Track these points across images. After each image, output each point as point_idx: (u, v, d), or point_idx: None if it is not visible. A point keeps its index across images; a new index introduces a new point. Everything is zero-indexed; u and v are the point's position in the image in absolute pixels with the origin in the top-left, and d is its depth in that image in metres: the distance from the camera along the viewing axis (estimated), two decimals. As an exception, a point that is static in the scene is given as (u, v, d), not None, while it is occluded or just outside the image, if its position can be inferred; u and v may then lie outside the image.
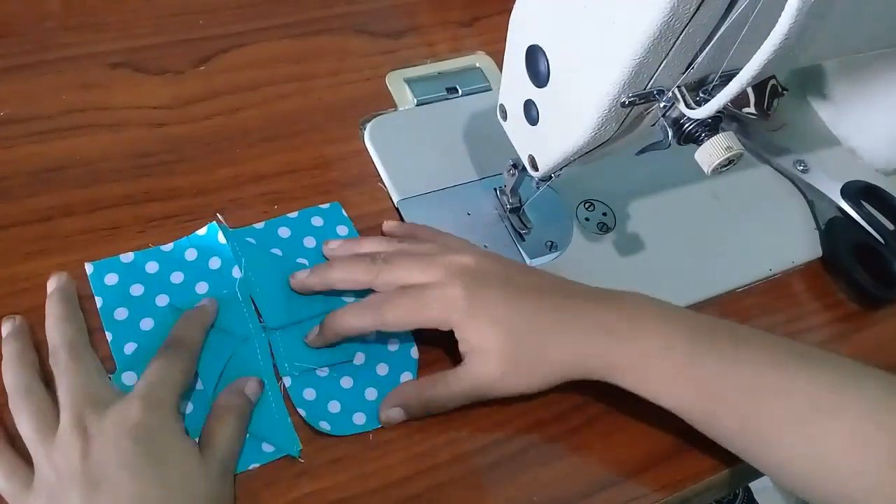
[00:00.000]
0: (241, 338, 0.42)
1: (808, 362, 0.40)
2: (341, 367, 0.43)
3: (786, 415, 0.39)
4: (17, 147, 0.47)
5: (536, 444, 0.44)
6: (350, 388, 0.43)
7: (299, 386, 0.42)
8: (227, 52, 0.55)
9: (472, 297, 0.40)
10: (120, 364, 0.40)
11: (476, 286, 0.41)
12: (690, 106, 0.35)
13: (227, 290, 0.44)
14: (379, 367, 0.44)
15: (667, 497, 0.44)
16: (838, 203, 0.57)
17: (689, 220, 0.55)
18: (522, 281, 0.42)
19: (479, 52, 0.60)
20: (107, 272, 0.43)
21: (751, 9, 0.32)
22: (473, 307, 0.40)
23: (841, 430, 0.38)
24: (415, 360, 0.45)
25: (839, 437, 0.38)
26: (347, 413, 0.42)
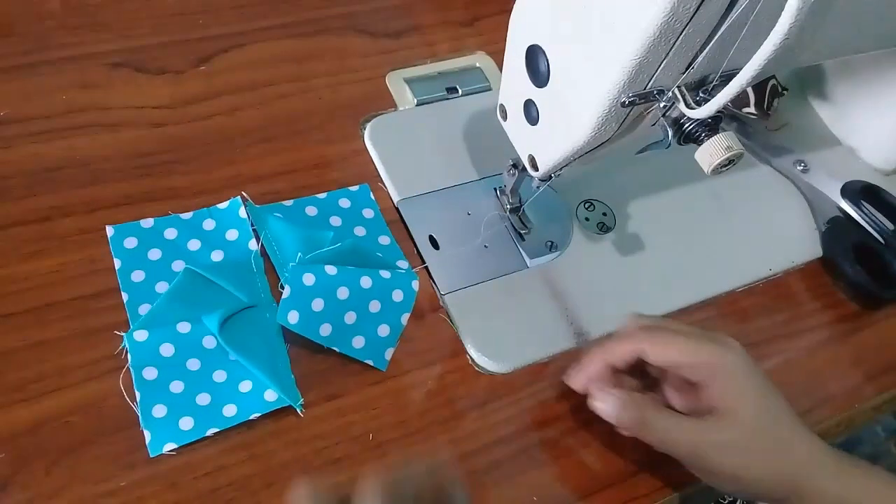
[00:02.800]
0: (250, 303, 0.43)
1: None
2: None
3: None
4: (17, 147, 0.47)
5: (536, 444, 0.44)
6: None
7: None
8: (227, 52, 0.55)
9: (747, 360, 0.40)
10: (133, 323, 0.42)
11: (750, 362, 0.41)
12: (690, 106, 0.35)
13: (242, 258, 0.45)
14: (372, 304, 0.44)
15: (667, 497, 0.44)
16: (838, 203, 0.57)
17: (689, 220, 0.55)
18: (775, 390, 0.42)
19: (479, 52, 0.60)
20: (127, 236, 0.45)
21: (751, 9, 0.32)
22: (746, 367, 0.40)
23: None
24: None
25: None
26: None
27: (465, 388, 0.45)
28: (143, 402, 0.40)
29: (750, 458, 0.39)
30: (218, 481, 0.39)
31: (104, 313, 0.42)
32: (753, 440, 0.39)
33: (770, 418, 0.40)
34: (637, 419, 0.40)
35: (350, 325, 0.43)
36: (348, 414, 0.42)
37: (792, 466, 0.40)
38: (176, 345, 0.41)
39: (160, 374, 0.40)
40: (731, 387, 0.40)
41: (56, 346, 0.41)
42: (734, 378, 0.40)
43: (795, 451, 0.40)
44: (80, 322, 0.41)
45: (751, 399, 0.40)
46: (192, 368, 0.41)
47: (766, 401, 0.40)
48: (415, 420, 0.43)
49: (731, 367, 0.40)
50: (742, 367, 0.40)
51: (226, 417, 0.40)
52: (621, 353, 0.41)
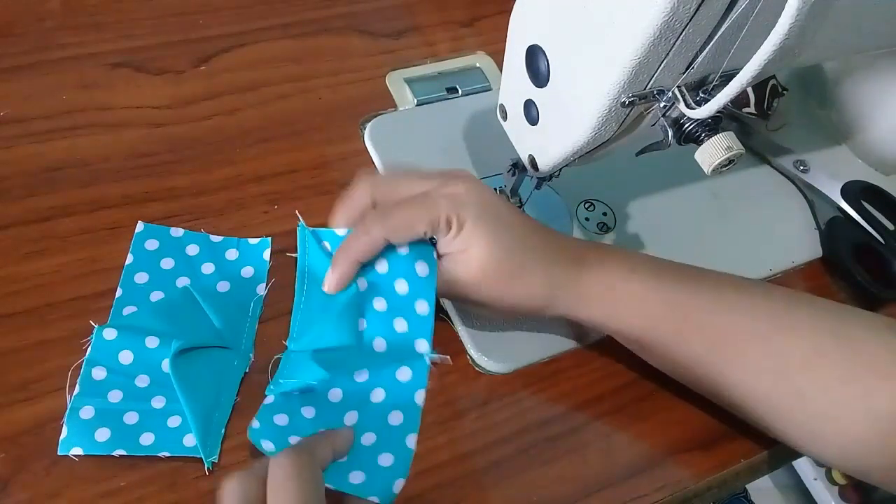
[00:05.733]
0: (226, 344, 0.42)
1: (762, 287, 0.43)
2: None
3: (750, 332, 0.40)
4: (17, 147, 0.47)
5: (536, 444, 0.44)
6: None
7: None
8: (227, 52, 0.55)
9: (480, 198, 0.41)
10: (111, 320, 0.41)
11: (482, 191, 0.41)
12: (690, 106, 0.35)
13: (244, 298, 0.44)
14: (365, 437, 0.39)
15: (667, 497, 0.44)
16: (838, 203, 0.57)
17: (689, 220, 0.55)
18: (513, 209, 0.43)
19: (479, 52, 0.60)
20: (151, 237, 0.45)
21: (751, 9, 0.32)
22: (479, 208, 0.40)
23: (801, 345, 0.40)
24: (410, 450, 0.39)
25: (799, 351, 0.40)
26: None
27: (465, 388, 0.45)
28: (77, 397, 0.39)
29: (500, 284, 0.41)
30: (218, 481, 0.39)
31: (104, 313, 0.42)
32: (499, 270, 0.40)
33: (516, 244, 0.41)
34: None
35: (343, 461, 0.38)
36: (348, 414, 0.42)
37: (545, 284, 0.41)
38: (136, 356, 0.40)
39: (106, 378, 0.40)
40: (466, 235, 0.40)
41: (56, 346, 0.41)
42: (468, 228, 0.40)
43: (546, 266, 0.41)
44: (81, 322, 0.41)
45: (487, 231, 0.40)
46: (139, 385, 0.40)
47: (507, 228, 0.41)
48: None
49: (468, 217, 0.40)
50: (476, 212, 0.40)
51: (139, 445, 0.38)
52: (366, 249, 0.41)
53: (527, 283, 0.41)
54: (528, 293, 0.41)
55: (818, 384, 0.39)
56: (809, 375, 0.39)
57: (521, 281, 0.41)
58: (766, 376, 0.40)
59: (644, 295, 0.41)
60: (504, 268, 0.41)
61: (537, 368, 0.46)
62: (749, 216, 0.57)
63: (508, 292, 0.41)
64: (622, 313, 0.42)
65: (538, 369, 0.46)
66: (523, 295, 0.41)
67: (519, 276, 0.41)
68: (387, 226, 0.40)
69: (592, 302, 0.42)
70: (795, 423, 0.40)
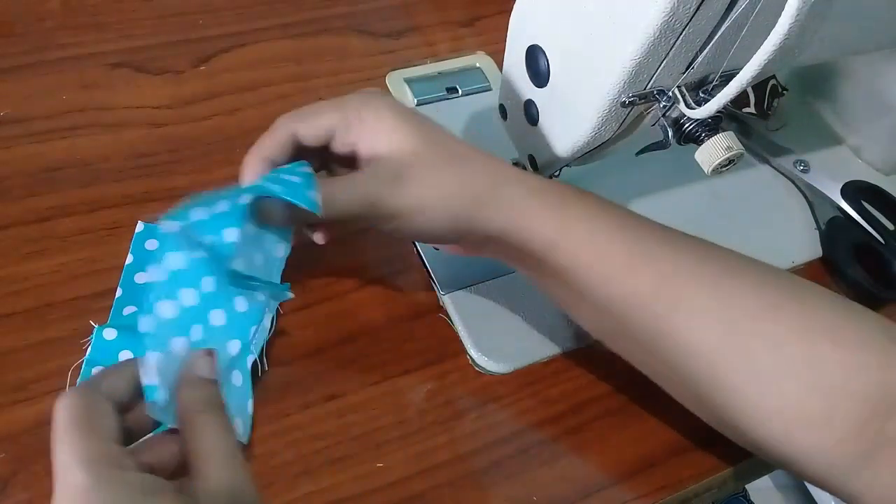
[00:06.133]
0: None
1: (710, 242, 0.40)
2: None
3: (700, 274, 0.37)
4: (17, 147, 0.47)
5: (536, 444, 0.44)
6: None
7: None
8: (227, 52, 0.55)
9: (392, 100, 0.39)
10: (111, 320, 0.41)
11: (394, 98, 0.39)
12: (690, 106, 0.35)
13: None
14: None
15: (666, 497, 0.44)
16: (838, 203, 0.57)
17: (689, 220, 0.55)
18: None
19: (479, 52, 0.60)
20: (150, 237, 0.44)
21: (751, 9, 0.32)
22: (391, 107, 0.38)
23: (751, 296, 0.37)
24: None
25: (750, 301, 0.37)
26: None
27: (465, 388, 0.45)
28: None
29: (423, 187, 0.37)
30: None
31: (104, 313, 0.42)
32: (422, 169, 0.37)
33: (431, 142, 0.37)
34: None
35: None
36: (348, 414, 0.42)
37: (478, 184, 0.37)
38: (136, 356, 0.36)
39: None
40: (384, 125, 0.37)
41: (56, 345, 0.41)
42: (384, 117, 0.37)
43: (479, 167, 0.38)
44: (81, 322, 0.41)
45: (399, 126, 0.37)
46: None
47: (425, 124, 0.38)
48: (415, 420, 0.43)
49: (375, 110, 0.38)
50: (389, 102, 0.38)
51: None
52: (273, 143, 0.39)
53: (465, 172, 0.37)
54: (466, 185, 0.37)
55: (765, 340, 0.36)
56: (757, 327, 0.36)
57: (458, 168, 0.37)
58: (715, 325, 0.36)
59: (595, 218, 0.38)
60: (435, 151, 0.37)
61: (537, 368, 0.46)
62: (749, 216, 0.57)
63: (443, 182, 0.37)
64: (570, 235, 0.37)
65: (538, 369, 0.46)
66: (459, 187, 0.37)
67: (456, 163, 0.37)
68: (294, 116, 0.39)
69: (538, 213, 0.37)
70: (738, 386, 0.36)
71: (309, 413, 0.42)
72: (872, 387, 0.34)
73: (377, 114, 0.38)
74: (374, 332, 0.45)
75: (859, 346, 0.35)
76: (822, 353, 0.35)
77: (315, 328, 0.45)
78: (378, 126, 0.37)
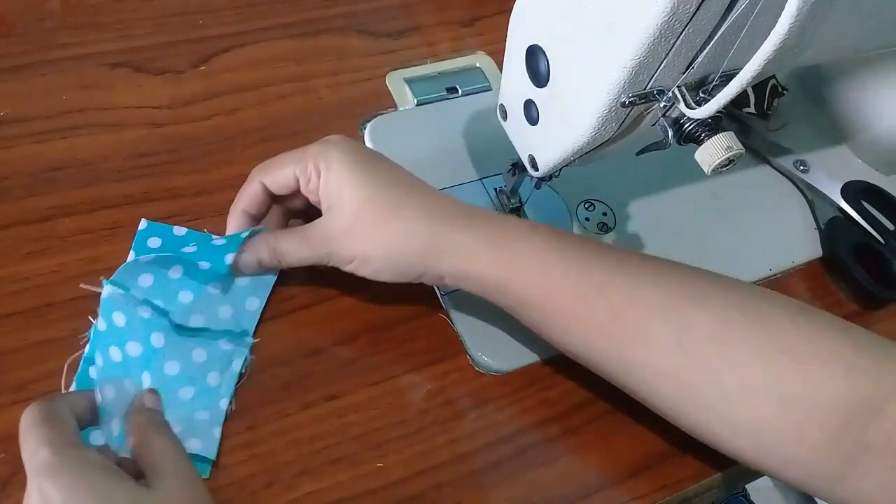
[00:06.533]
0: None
1: (669, 262, 0.40)
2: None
3: (657, 300, 0.38)
4: (17, 147, 0.47)
5: (536, 444, 0.44)
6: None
7: None
8: (227, 52, 0.55)
9: (349, 145, 0.40)
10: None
11: (352, 146, 0.41)
12: (690, 106, 0.35)
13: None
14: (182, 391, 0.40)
15: (667, 497, 0.44)
16: (838, 203, 0.57)
17: (689, 220, 0.55)
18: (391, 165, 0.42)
19: (479, 52, 0.60)
20: (153, 235, 0.45)
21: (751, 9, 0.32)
22: (347, 152, 0.40)
23: (709, 317, 0.37)
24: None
25: (708, 323, 0.37)
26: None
27: (465, 388, 0.45)
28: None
29: (365, 233, 0.39)
30: (218, 481, 0.39)
31: (104, 313, 0.42)
32: (365, 217, 0.39)
33: (382, 191, 0.39)
34: (269, 254, 0.41)
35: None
36: (348, 414, 0.42)
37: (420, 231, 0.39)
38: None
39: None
40: (334, 177, 0.39)
41: (56, 346, 0.41)
42: (334, 170, 0.39)
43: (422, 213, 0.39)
44: (81, 322, 0.41)
45: (349, 179, 0.39)
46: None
47: (372, 174, 0.39)
48: (415, 420, 0.43)
49: (327, 163, 0.40)
50: (341, 155, 0.40)
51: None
52: (247, 197, 0.43)
53: (405, 227, 0.39)
54: (407, 239, 0.39)
55: (728, 361, 0.36)
56: (719, 350, 0.36)
57: (398, 223, 0.39)
58: (676, 352, 0.37)
59: (545, 254, 0.38)
60: (377, 206, 0.39)
61: (537, 368, 0.46)
62: (749, 216, 0.57)
63: (385, 237, 0.39)
64: (520, 273, 0.38)
65: (538, 369, 0.46)
66: (402, 241, 0.39)
67: (396, 217, 0.39)
68: (262, 168, 0.42)
69: (484, 256, 0.39)
70: (707, 405, 0.37)
71: (309, 413, 0.42)
72: (841, 399, 0.35)
73: (328, 167, 0.40)
74: (374, 332, 0.45)
75: (824, 360, 0.35)
76: (786, 370, 0.36)
77: (315, 328, 0.45)
78: (329, 179, 0.40)
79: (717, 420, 0.37)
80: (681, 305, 0.38)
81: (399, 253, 0.39)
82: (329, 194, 0.40)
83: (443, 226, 0.39)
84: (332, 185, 0.40)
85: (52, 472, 0.32)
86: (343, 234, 0.40)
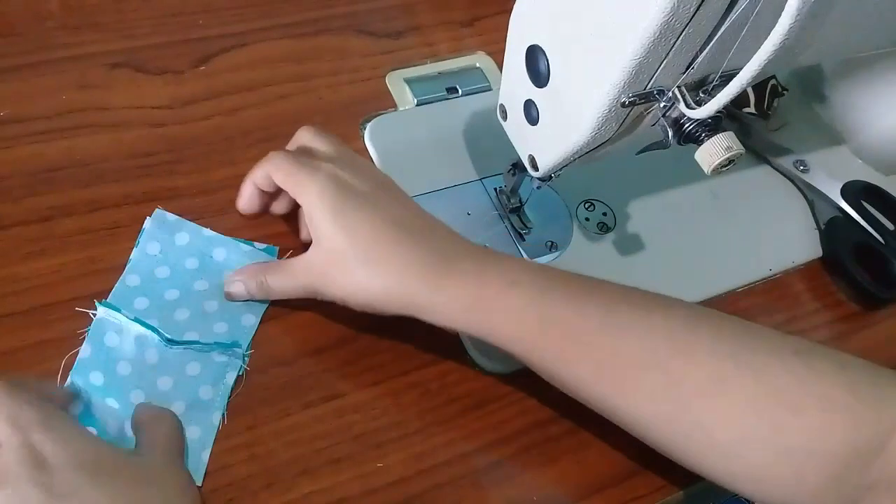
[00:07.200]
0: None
1: (663, 305, 0.38)
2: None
3: (643, 356, 0.36)
4: (17, 147, 0.47)
5: (536, 444, 0.44)
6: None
7: None
8: (227, 52, 0.55)
9: (325, 190, 0.39)
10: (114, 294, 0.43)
11: (333, 183, 0.39)
12: (690, 106, 0.35)
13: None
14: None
15: (666, 497, 0.44)
16: (838, 203, 0.57)
17: (689, 220, 0.55)
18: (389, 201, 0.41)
19: (479, 52, 0.60)
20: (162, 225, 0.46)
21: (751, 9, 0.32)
22: (320, 200, 0.39)
23: (699, 372, 0.36)
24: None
25: (697, 378, 0.36)
26: None
27: (465, 388, 0.45)
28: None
29: (345, 273, 0.39)
30: (218, 481, 0.39)
31: (104, 313, 0.42)
32: (344, 257, 0.39)
33: (365, 231, 0.39)
34: (257, 287, 0.43)
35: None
36: (348, 414, 0.42)
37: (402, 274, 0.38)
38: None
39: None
40: (314, 213, 0.39)
41: (56, 346, 0.41)
42: (314, 205, 0.39)
43: (405, 257, 0.39)
44: (81, 322, 0.41)
45: (326, 226, 0.39)
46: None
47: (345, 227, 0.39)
48: (415, 420, 0.43)
49: (316, 196, 0.39)
50: (318, 193, 0.39)
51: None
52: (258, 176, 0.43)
53: (380, 275, 0.38)
54: (384, 296, 0.39)
55: (720, 415, 0.35)
56: (709, 404, 0.35)
57: (373, 280, 0.39)
58: (663, 404, 0.36)
59: (521, 311, 0.38)
60: (349, 258, 0.39)
61: (537, 368, 0.46)
62: (749, 216, 0.57)
63: (361, 289, 0.39)
64: (498, 331, 0.38)
65: (538, 369, 0.46)
66: (378, 296, 0.39)
67: (369, 273, 0.39)
68: (272, 161, 0.42)
69: (459, 316, 0.39)
70: (701, 455, 0.37)
71: (309, 413, 0.42)
72: (839, 445, 0.34)
73: (308, 201, 0.40)
74: (374, 332, 0.45)
75: (821, 409, 0.34)
76: (782, 421, 0.35)
77: (315, 328, 0.45)
78: (309, 212, 0.40)
79: (715, 467, 0.37)
80: (668, 361, 0.36)
81: (375, 296, 0.39)
82: (311, 226, 0.40)
83: (415, 286, 0.38)
84: (312, 220, 0.40)
85: (46, 426, 0.32)
86: (322, 274, 0.40)
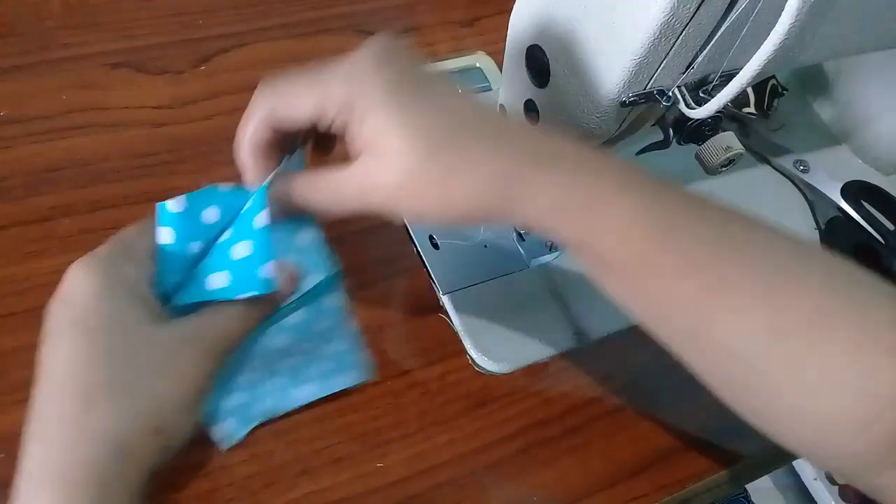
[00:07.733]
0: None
1: (772, 231, 0.36)
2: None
3: (753, 278, 0.34)
4: (17, 147, 0.47)
5: (536, 444, 0.44)
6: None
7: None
8: (227, 52, 0.55)
9: (391, 88, 0.31)
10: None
11: (394, 78, 0.32)
12: (690, 106, 0.35)
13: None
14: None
15: (666, 497, 0.44)
16: (838, 203, 0.57)
17: (689, 220, 0.55)
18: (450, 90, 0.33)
19: (479, 52, 0.60)
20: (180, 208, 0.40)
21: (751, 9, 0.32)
22: (388, 101, 0.31)
23: (806, 303, 0.34)
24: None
25: (804, 310, 0.34)
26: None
27: (465, 388, 0.45)
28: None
29: (426, 188, 0.31)
30: (218, 481, 0.39)
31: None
32: (423, 169, 0.31)
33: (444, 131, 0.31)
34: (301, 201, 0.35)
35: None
36: (348, 414, 0.42)
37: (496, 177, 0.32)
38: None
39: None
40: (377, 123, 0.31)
41: (56, 346, 0.41)
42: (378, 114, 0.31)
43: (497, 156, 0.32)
44: (81, 322, 0.41)
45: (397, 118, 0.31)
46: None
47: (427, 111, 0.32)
48: (415, 420, 0.43)
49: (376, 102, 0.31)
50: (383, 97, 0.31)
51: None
52: (254, 132, 0.36)
53: (465, 186, 0.31)
54: (468, 201, 0.32)
55: (820, 351, 0.33)
56: (813, 338, 0.33)
57: (456, 184, 0.31)
58: (762, 333, 0.34)
59: (632, 221, 0.33)
60: (431, 168, 0.31)
61: (537, 368, 0.46)
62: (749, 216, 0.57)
63: (441, 201, 0.32)
64: (600, 238, 0.33)
65: (538, 369, 0.46)
66: (461, 203, 0.32)
67: (454, 176, 0.31)
68: (271, 94, 0.35)
69: (563, 216, 0.32)
70: (778, 393, 0.34)
71: (309, 413, 0.42)
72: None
73: (368, 110, 0.32)
74: (374, 332, 0.45)
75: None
76: (878, 364, 0.33)
77: (315, 328, 0.45)
78: (371, 124, 0.32)
79: (784, 408, 0.34)
80: (776, 288, 0.34)
81: (461, 212, 0.32)
82: (369, 143, 0.32)
83: (513, 179, 0.32)
84: (373, 132, 0.31)
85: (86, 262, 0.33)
86: (389, 190, 0.32)
